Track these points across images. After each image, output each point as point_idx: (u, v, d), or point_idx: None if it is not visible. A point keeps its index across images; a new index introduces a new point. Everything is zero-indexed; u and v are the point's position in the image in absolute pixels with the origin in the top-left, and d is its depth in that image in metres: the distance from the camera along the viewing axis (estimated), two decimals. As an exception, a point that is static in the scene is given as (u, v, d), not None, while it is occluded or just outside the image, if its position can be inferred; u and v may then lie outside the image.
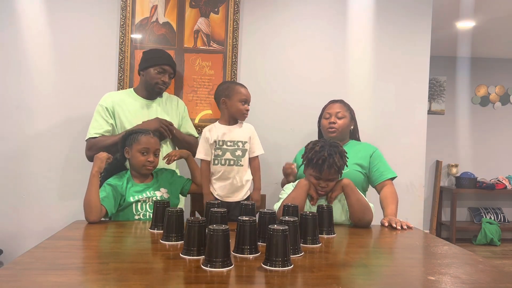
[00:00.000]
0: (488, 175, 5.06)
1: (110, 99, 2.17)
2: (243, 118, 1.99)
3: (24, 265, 1.17)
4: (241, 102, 1.95)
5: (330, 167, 1.74)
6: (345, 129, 2.18)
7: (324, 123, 2.20)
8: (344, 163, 1.80)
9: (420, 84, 2.78)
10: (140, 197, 1.85)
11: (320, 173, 1.76)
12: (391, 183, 2.07)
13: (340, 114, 2.16)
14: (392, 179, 2.08)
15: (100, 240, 1.56)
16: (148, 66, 2.15)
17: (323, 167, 1.74)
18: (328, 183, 1.79)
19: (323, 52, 2.71)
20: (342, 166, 1.79)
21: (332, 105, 2.22)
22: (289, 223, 1.32)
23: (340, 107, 2.20)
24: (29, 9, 2.49)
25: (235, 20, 2.60)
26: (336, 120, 2.15)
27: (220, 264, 1.17)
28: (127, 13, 2.52)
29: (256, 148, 1.99)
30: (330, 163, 1.74)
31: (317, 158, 1.75)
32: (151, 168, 1.90)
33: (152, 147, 1.88)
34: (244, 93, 1.97)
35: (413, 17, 2.76)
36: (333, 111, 2.18)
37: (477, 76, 5.09)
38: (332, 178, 1.79)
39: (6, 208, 2.49)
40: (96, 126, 2.11)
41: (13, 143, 2.49)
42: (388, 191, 2.03)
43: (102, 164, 1.82)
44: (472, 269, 1.29)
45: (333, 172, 1.77)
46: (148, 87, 2.18)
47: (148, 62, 2.16)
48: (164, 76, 2.16)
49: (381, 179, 2.07)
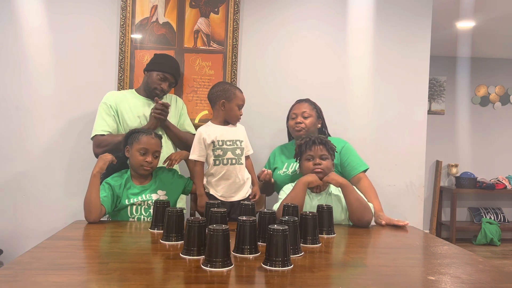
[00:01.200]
0: (488, 175, 5.06)
1: (113, 97, 2.19)
2: (235, 123, 2.04)
3: (24, 265, 1.17)
4: (238, 107, 2.00)
5: (318, 141, 1.91)
6: (311, 127, 2.22)
7: (291, 123, 2.25)
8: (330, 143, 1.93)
9: (420, 84, 2.78)
10: (136, 200, 1.85)
11: (311, 149, 1.90)
12: (365, 175, 2.11)
13: (306, 113, 2.21)
14: (365, 171, 2.12)
15: (100, 240, 1.56)
16: (153, 69, 2.20)
17: (310, 143, 1.91)
18: (322, 162, 1.88)
19: (323, 52, 2.71)
20: (328, 143, 1.92)
21: (298, 105, 2.26)
22: (289, 223, 1.32)
23: (306, 106, 2.24)
24: (29, 9, 2.49)
25: (235, 20, 2.60)
26: (302, 119, 2.20)
27: (220, 264, 1.18)
28: (127, 13, 2.52)
29: (249, 147, 2.08)
30: (317, 138, 1.93)
31: (305, 140, 1.94)
32: (149, 169, 1.89)
33: (151, 148, 1.88)
34: (242, 99, 2.03)
35: (413, 17, 2.75)
36: (298, 111, 2.23)
37: (477, 76, 5.09)
38: (323, 155, 1.89)
39: (6, 208, 2.49)
40: (102, 124, 2.12)
41: (13, 143, 2.49)
42: (365, 185, 2.06)
43: (104, 166, 1.82)
44: (472, 269, 1.29)
45: (322, 148, 1.89)
46: (147, 89, 2.21)
47: (154, 65, 2.21)
48: (164, 83, 2.20)
49: (354, 172, 2.10)
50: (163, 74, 2.19)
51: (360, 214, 1.81)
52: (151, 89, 2.19)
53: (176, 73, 2.25)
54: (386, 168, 2.74)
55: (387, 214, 1.97)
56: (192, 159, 1.96)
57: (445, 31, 4.00)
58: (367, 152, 2.71)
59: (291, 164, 2.18)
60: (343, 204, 1.87)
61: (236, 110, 1.99)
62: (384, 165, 2.73)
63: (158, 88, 2.18)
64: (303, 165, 1.93)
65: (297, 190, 1.81)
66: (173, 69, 2.23)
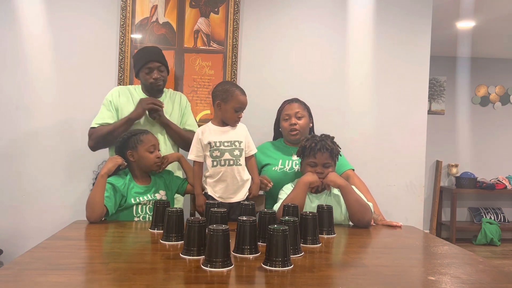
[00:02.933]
0: (488, 175, 5.06)
1: (117, 92, 2.19)
2: (233, 125, 1.94)
3: (24, 265, 1.17)
4: (235, 110, 1.90)
5: (322, 149, 1.84)
6: (305, 128, 2.19)
7: (285, 125, 2.19)
8: (336, 147, 1.89)
9: (420, 84, 2.78)
10: (141, 199, 1.86)
11: (315, 157, 1.84)
12: (354, 173, 2.13)
13: (299, 114, 2.17)
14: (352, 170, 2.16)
15: (100, 240, 1.56)
16: (137, 70, 2.16)
17: (316, 149, 1.84)
18: (325, 170, 1.85)
19: (324, 52, 2.72)
20: (334, 149, 1.87)
21: (289, 106, 2.20)
22: (289, 223, 1.32)
23: (298, 106, 2.20)
24: (29, 9, 2.49)
25: (235, 20, 2.60)
26: (296, 121, 2.16)
27: (220, 264, 1.17)
28: (127, 13, 2.52)
29: (252, 147, 1.98)
30: (323, 145, 1.85)
31: (310, 142, 1.86)
32: (160, 164, 1.94)
33: (156, 143, 1.94)
34: (240, 102, 1.89)
35: (413, 17, 2.76)
36: (291, 111, 2.17)
37: (477, 76, 5.09)
38: (327, 163, 1.86)
39: (6, 208, 2.49)
40: (99, 117, 2.14)
41: (13, 143, 2.49)
42: (357, 183, 2.06)
43: (113, 168, 1.82)
44: (472, 269, 1.29)
45: (326, 156, 1.85)
46: (148, 88, 2.19)
47: (135, 66, 2.18)
48: (152, 73, 2.13)
49: (343, 169, 2.13)
50: (145, 67, 2.12)
51: (361, 215, 1.80)
52: (149, 87, 2.17)
53: (156, 56, 2.14)
54: (386, 168, 2.74)
55: (387, 214, 1.97)
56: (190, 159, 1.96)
57: (445, 31, 4.00)
58: (367, 152, 2.72)
59: (286, 161, 2.15)
60: (343, 205, 1.86)
61: (232, 112, 1.89)
62: (384, 165, 2.73)
63: (153, 82, 2.13)
64: (305, 169, 1.91)
65: (298, 190, 1.81)
66: (149, 55, 2.13)
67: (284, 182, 2.03)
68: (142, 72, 2.14)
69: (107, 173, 1.80)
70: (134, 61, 2.20)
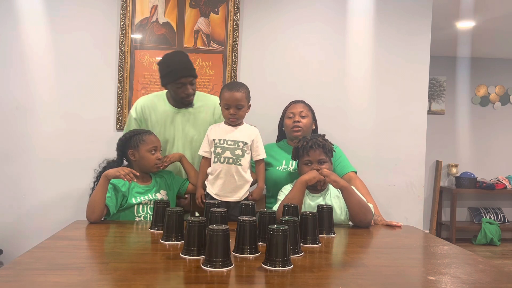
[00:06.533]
0: (488, 175, 5.06)
1: (140, 107, 2.15)
2: (230, 123, 1.93)
3: (24, 265, 1.17)
4: (225, 107, 1.90)
5: (314, 145, 1.89)
6: (308, 128, 2.22)
7: (288, 122, 2.23)
8: (328, 144, 1.92)
9: (420, 84, 2.78)
10: (143, 199, 1.86)
11: (308, 155, 1.89)
12: (356, 175, 2.15)
13: (303, 113, 2.21)
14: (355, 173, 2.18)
15: (100, 240, 1.56)
16: (166, 83, 2.06)
17: (308, 147, 1.89)
18: (321, 166, 1.87)
19: (324, 52, 2.71)
20: (326, 145, 1.91)
21: (294, 105, 2.26)
22: (289, 223, 1.32)
23: (303, 106, 2.25)
24: (29, 10, 2.49)
25: (235, 20, 2.60)
26: (300, 119, 2.19)
27: (220, 264, 1.18)
28: (127, 13, 2.52)
29: (260, 152, 1.97)
30: (314, 142, 1.90)
31: (302, 143, 1.92)
32: (161, 166, 1.94)
33: (158, 144, 1.95)
34: (225, 98, 1.87)
35: (413, 17, 2.75)
36: (296, 110, 2.22)
37: (477, 76, 5.09)
38: (321, 160, 1.89)
39: (6, 208, 2.49)
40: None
41: (13, 143, 2.49)
42: (358, 185, 2.06)
43: (119, 176, 1.75)
44: (472, 269, 1.29)
45: (320, 152, 1.88)
46: (177, 100, 2.11)
47: (165, 78, 2.05)
48: (184, 88, 2.04)
49: (345, 171, 2.15)
50: (178, 83, 2.02)
51: (363, 216, 1.80)
52: (179, 100, 2.09)
53: (189, 70, 2.04)
54: (386, 168, 2.74)
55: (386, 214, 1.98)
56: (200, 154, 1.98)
57: (445, 31, 4.00)
58: (367, 152, 2.72)
59: (289, 161, 2.16)
60: (343, 205, 1.86)
61: (224, 110, 1.90)
62: (384, 165, 2.73)
63: (184, 96, 2.06)
64: (302, 169, 1.92)
65: (295, 190, 1.80)
66: (183, 71, 2.02)
67: (289, 182, 2.05)
68: (173, 86, 2.04)
69: (113, 177, 1.76)
70: (163, 72, 2.05)
